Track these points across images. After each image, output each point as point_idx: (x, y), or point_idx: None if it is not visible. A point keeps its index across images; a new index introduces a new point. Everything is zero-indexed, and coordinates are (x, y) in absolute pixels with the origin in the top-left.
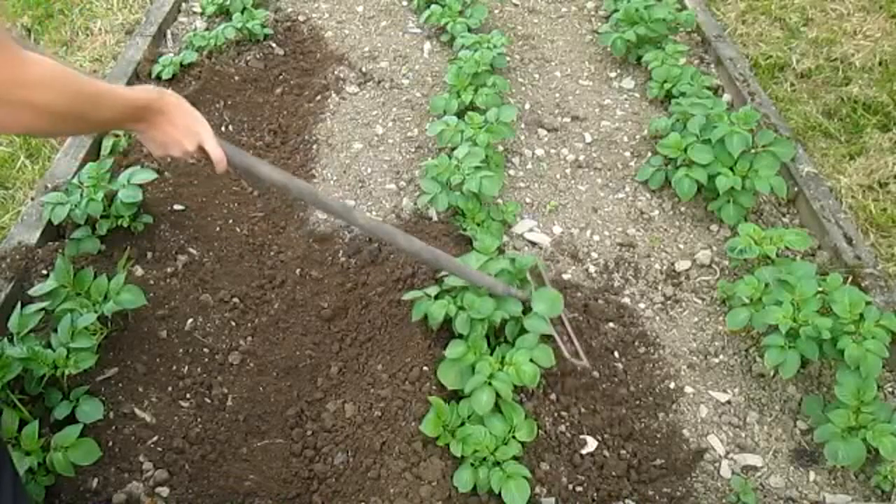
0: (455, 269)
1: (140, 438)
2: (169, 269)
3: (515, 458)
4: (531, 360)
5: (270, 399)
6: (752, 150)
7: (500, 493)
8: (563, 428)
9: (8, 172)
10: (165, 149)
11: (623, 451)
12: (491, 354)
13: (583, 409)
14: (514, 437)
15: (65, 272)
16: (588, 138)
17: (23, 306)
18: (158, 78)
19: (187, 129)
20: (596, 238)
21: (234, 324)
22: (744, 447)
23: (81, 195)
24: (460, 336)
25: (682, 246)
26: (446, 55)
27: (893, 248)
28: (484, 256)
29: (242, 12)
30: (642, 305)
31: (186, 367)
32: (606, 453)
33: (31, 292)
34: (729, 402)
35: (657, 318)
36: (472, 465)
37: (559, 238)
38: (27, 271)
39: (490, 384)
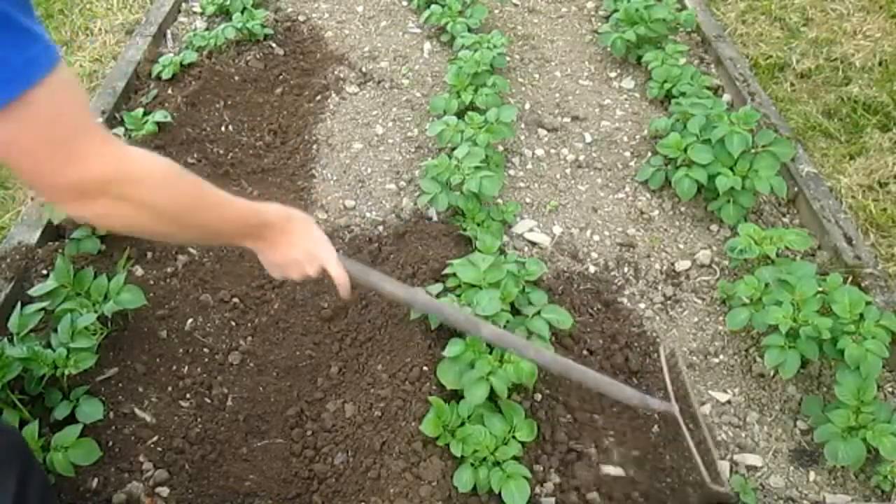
0: (589, 380)
1: (140, 438)
2: (169, 269)
3: (515, 458)
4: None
5: (270, 399)
6: (752, 150)
7: (500, 493)
8: (562, 427)
9: (8, 172)
10: (283, 271)
11: (622, 451)
12: (490, 353)
13: (583, 409)
14: (513, 437)
15: (65, 272)
16: (588, 138)
17: (23, 306)
18: (158, 78)
19: (309, 253)
20: (596, 238)
21: (234, 324)
22: (744, 447)
23: None
24: (459, 335)
25: (682, 246)
26: (446, 55)
27: (893, 248)
28: (486, 257)
29: (242, 12)
30: (642, 305)
31: (186, 367)
32: (606, 453)
33: (31, 292)
34: (729, 402)
35: (657, 318)
36: (472, 465)
37: (559, 238)
38: (27, 271)
39: (486, 379)
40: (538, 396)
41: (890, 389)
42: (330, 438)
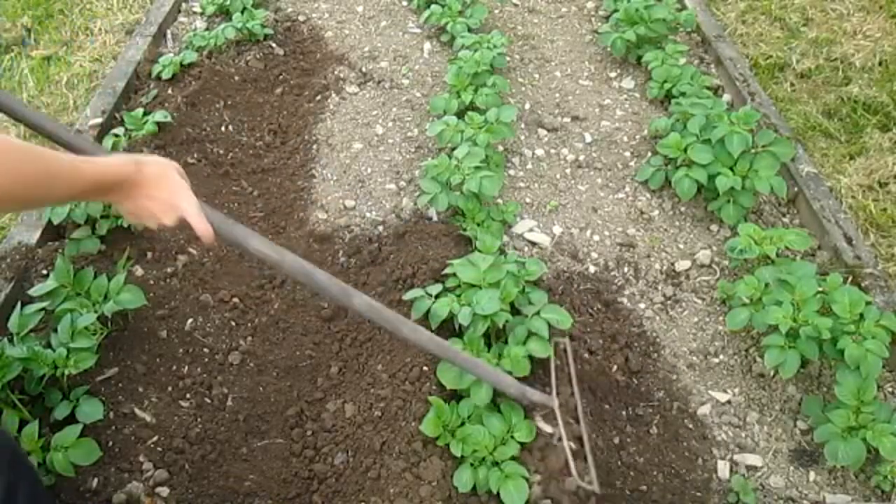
0: (467, 365)
1: (140, 438)
2: (169, 269)
3: (514, 458)
4: (529, 355)
5: (270, 399)
6: (752, 150)
7: (498, 494)
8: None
9: None
10: (138, 219)
11: (623, 451)
12: (488, 351)
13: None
14: (512, 437)
15: (65, 272)
16: (588, 138)
17: (23, 306)
18: (158, 78)
19: (166, 202)
20: (596, 238)
21: (234, 324)
22: (744, 447)
23: None
24: (458, 335)
25: (682, 246)
26: (446, 55)
27: (893, 248)
28: (486, 257)
29: (242, 12)
30: (642, 305)
31: (186, 367)
32: (606, 454)
33: (31, 292)
34: (729, 402)
35: (657, 318)
36: (471, 465)
37: (559, 238)
38: (27, 271)
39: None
40: None
41: (890, 389)
42: (330, 438)
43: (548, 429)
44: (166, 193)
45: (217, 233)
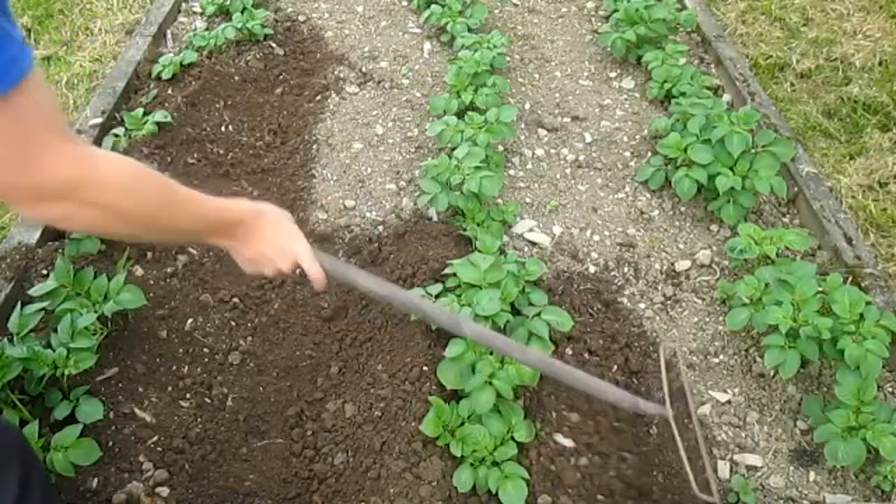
0: (576, 380)
1: (140, 438)
2: (169, 269)
3: (513, 458)
4: None
5: (270, 399)
6: (752, 150)
7: (497, 494)
8: (562, 427)
9: None
10: (256, 267)
11: (623, 453)
12: (490, 354)
13: (583, 409)
14: (511, 437)
15: (65, 272)
16: (588, 138)
17: (23, 306)
18: (158, 78)
19: (282, 249)
20: (596, 238)
21: (234, 324)
22: (744, 447)
23: None
24: (451, 336)
25: (682, 246)
26: (446, 55)
27: (893, 248)
28: (486, 257)
29: (242, 12)
30: (642, 305)
31: (186, 367)
32: (605, 455)
33: (31, 292)
34: (729, 402)
35: (657, 318)
36: (471, 465)
37: (559, 238)
38: (27, 271)
39: (490, 383)
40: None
41: (890, 389)
42: (330, 438)
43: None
44: (283, 239)
45: (329, 275)
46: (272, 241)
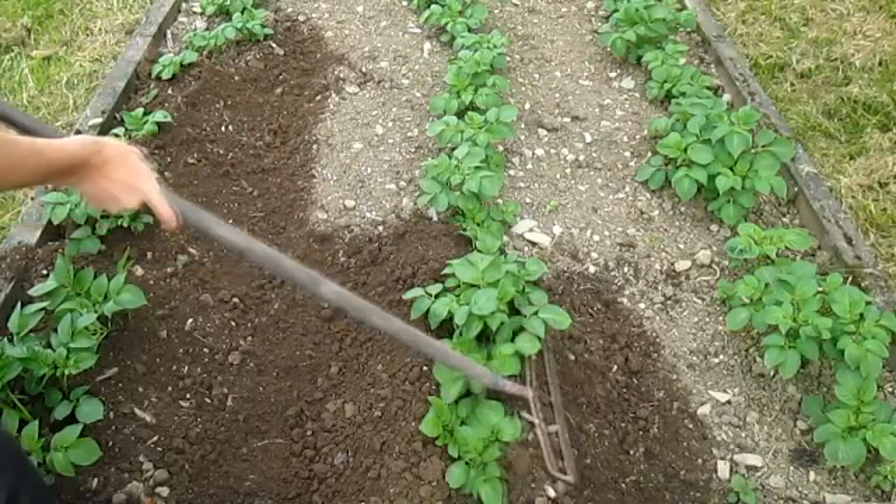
0: (439, 354)
1: (140, 438)
2: (169, 269)
3: (499, 459)
4: (516, 352)
5: (270, 399)
6: (752, 150)
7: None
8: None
9: None
10: (100, 203)
11: (622, 451)
12: (478, 351)
13: (581, 410)
14: (497, 438)
15: (65, 272)
16: (588, 138)
17: (23, 306)
18: (158, 78)
19: (127, 184)
20: (596, 238)
21: (234, 324)
22: (744, 447)
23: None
24: (450, 335)
25: (682, 246)
26: (446, 55)
27: (893, 248)
28: (485, 257)
29: (242, 12)
30: (642, 305)
31: (186, 367)
32: (607, 454)
33: (31, 292)
34: (729, 402)
35: (657, 318)
36: (466, 464)
37: (559, 238)
38: (27, 271)
39: (462, 378)
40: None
41: (890, 389)
42: (330, 438)
43: (534, 420)
44: (126, 175)
45: (183, 219)
46: (116, 177)
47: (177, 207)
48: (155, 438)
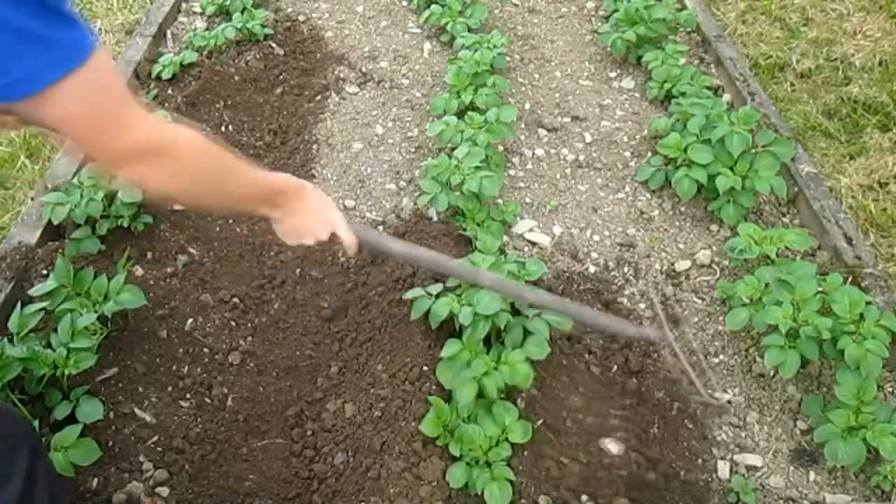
0: (581, 316)
1: (140, 438)
2: (169, 269)
3: (506, 459)
4: (527, 358)
5: (270, 399)
6: (752, 150)
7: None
8: (565, 427)
9: (8, 172)
10: (299, 237)
11: (624, 457)
12: (487, 354)
13: (583, 409)
14: (506, 438)
15: (65, 272)
16: (588, 138)
17: (23, 306)
18: (158, 78)
19: (323, 218)
20: (596, 238)
21: (234, 324)
22: (744, 447)
23: (81, 195)
24: (458, 335)
25: (682, 246)
26: (446, 55)
27: (893, 248)
28: (486, 257)
29: (242, 12)
30: (642, 305)
31: (186, 367)
32: (607, 454)
33: (31, 292)
34: (729, 402)
35: (657, 318)
36: (467, 464)
37: (559, 238)
38: (27, 271)
39: (476, 380)
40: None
41: (890, 389)
42: (330, 438)
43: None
44: (323, 208)
45: (361, 242)
46: (313, 210)
47: (356, 232)
48: (155, 438)
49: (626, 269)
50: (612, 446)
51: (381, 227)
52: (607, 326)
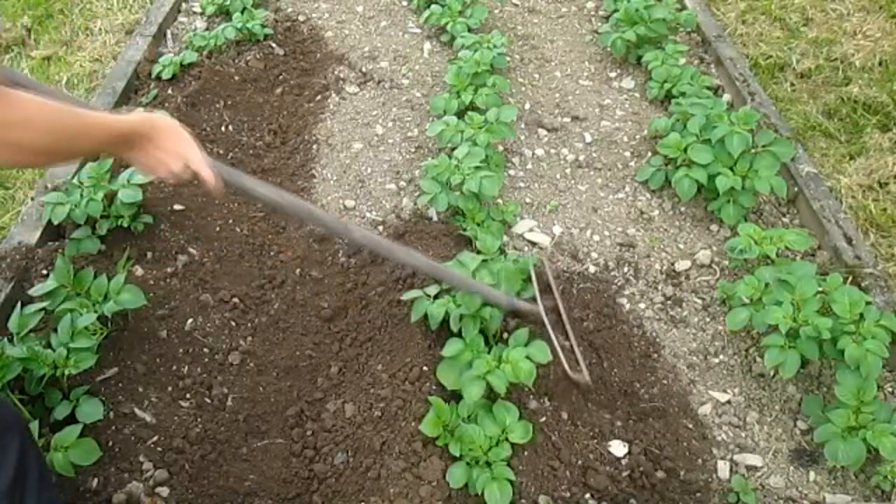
0: (459, 283)
1: (140, 438)
2: (169, 269)
3: (506, 459)
4: (527, 357)
5: (270, 399)
6: (752, 150)
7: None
8: (565, 428)
9: (8, 172)
10: (150, 170)
11: (624, 457)
12: (488, 353)
13: (583, 409)
14: (506, 438)
15: (65, 272)
16: (588, 138)
17: (23, 306)
18: (158, 78)
19: (175, 152)
20: (596, 238)
21: (234, 324)
22: (744, 447)
23: (81, 195)
24: (458, 335)
25: (682, 246)
26: (446, 55)
27: (893, 248)
28: (485, 257)
29: (242, 12)
30: (642, 305)
31: (186, 367)
32: (607, 454)
33: (31, 292)
34: (729, 402)
35: (657, 318)
36: (467, 464)
37: (559, 238)
38: (27, 271)
39: (483, 378)
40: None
41: (890, 389)
42: (330, 438)
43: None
44: (174, 144)
45: (225, 182)
46: (165, 146)
47: (217, 170)
48: (155, 438)
49: (626, 269)
50: (613, 446)
51: (381, 228)
52: (485, 295)
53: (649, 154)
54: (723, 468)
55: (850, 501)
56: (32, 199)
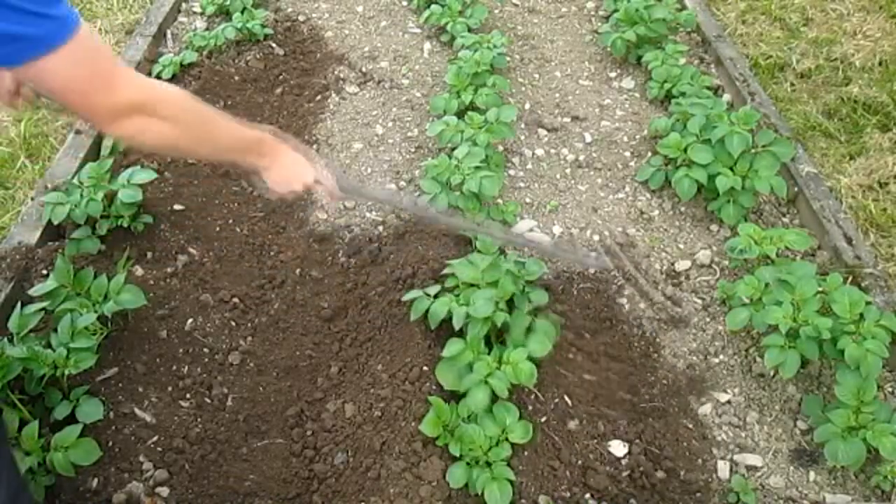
0: (505, 238)
1: (140, 438)
2: (169, 269)
3: (506, 459)
4: (528, 358)
5: (270, 399)
6: (752, 150)
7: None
8: (565, 428)
9: (8, 172)
10: (289, 184)
11: (624, 457)
12: (488, 354)
13: (583, 409)
14: (506, 438)
15: (65, 272)
16: (588, 138)
17: (23, 306)
18: (159, 78)
19: (305, 164)
20: (596, 238)
21: (234, 324)
22: (744, 447)
23: (81, 195)
24: (459, 335)
25: (682, 246)
26: (446, 55)
27: (893, 248)
28: (486, 256)
29: (242, 12)
30: (642, 305)
31: (186, 367)
32: (607, 454)
33: (31, 292)
34: (729, 402)
35: (657, 318)
36: (467, 464)
37: (559, 238)
38: (27, 271)
39: (486, 382)
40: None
41: (890, 389)
42: (330, 438)
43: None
44: (302, 155)
45: (340, 187)
46: (295, 159)
47: (339, 181)
48: (155, 438)
49: (625, 270)
50: (613, 446)
51: (380, 228)
52: (545, 251)
53: (649, 154)
54: (723, 468)
55: (850, 501)
56: (32, 199)
